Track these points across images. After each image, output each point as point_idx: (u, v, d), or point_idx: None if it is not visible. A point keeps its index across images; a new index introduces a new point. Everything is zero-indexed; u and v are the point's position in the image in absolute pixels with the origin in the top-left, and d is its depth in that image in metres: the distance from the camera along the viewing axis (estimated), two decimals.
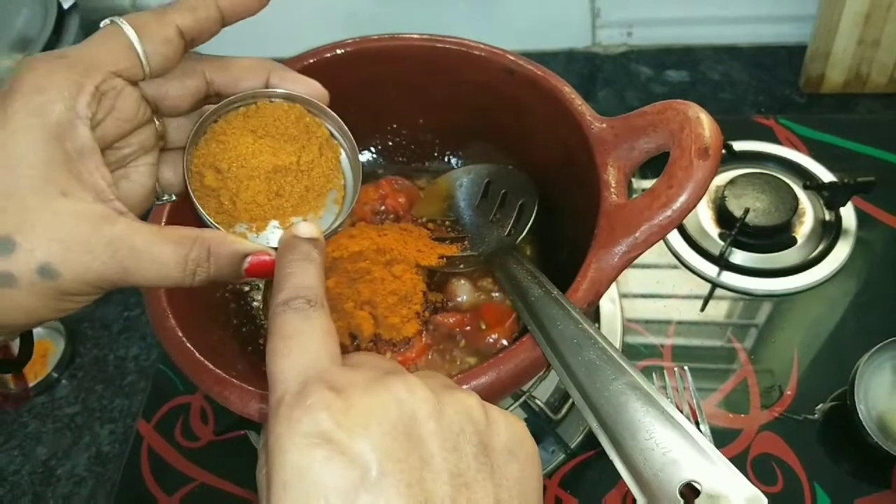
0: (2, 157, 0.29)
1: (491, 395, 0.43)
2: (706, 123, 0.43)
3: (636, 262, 0.45)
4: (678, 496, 0.31)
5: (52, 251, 0.29)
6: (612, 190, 0.47)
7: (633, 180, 0.75)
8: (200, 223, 0.37)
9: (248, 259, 0.35)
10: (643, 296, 0.74)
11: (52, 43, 0.83)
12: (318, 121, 0.42)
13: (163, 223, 0.52)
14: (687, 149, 0.43)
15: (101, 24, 0.33)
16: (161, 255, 0.31)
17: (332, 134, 0.43)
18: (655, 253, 0.76)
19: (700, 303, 0.72)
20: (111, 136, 0.33)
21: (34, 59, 0.31)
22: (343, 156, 0.44)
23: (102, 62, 0.32)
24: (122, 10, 1.04)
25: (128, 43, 0.33)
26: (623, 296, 0.73)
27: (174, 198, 0.39)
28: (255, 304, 0.62)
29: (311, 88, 0.40)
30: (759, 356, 0.68)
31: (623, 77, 1.00)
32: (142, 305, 0.85)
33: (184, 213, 0.46)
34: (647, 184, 0.81)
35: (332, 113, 0.42)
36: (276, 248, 0.35)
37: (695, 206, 0.43)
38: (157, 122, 0.37)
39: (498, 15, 1.01)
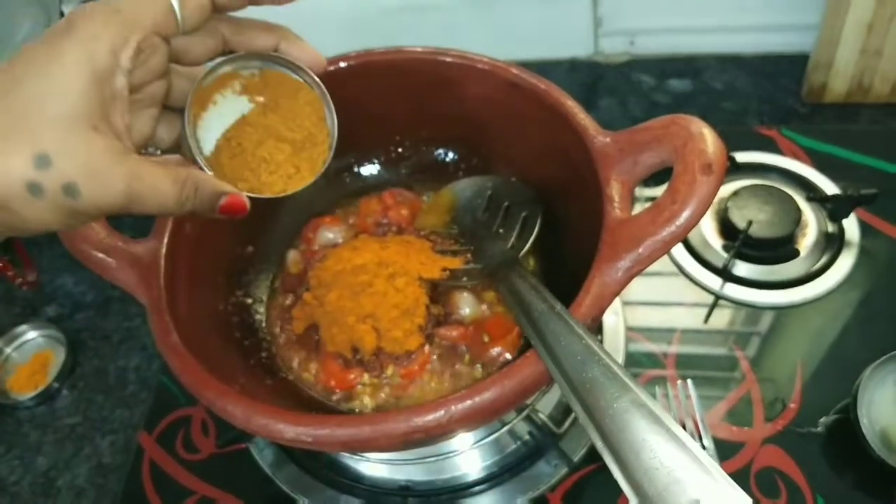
0: (53, 86, 0.33)
1: (495, 410, 0.43)
2: (710, 139, 0.43)
3: (640, 276, 0.45)
4: None
5: (79, 174, 0.33)
6: (616, 204, 0.47)
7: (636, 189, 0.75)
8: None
9: (223, 198, 0.40)
10: (646, 303, 0.74)
11: None
12: (316, 95, 0.45)
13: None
14: (690, 164, 0.43)
15: None
16: (163, 189, 0.36)
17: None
18: (659, 263, 0.75)
19: (703, 314, 0.72)
20: (136, 85, 0.37)
21: (93, 9, 0.35)
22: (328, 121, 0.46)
23: (146, 21, 0.36)
24: None
25: (169, 6, 0.37)
26: (626, 303, 0.73)
27: (158, 153, 0.43)
28: (257, 317, 0.62)
29: (315, 61, 0.44)
30: (762, 368, 0.68)
31: (625, 86, 1.00)
32: (142, 315, 0.85)
33: None
34: (649, 191, 0.81)
35: (321, 85, 0.44)
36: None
37: (698, 221, 0.43)
38: (168, 78, 0.41)
39: (500, 24, 1.01)
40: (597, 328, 0.70)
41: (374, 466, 0.62)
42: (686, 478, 0.32)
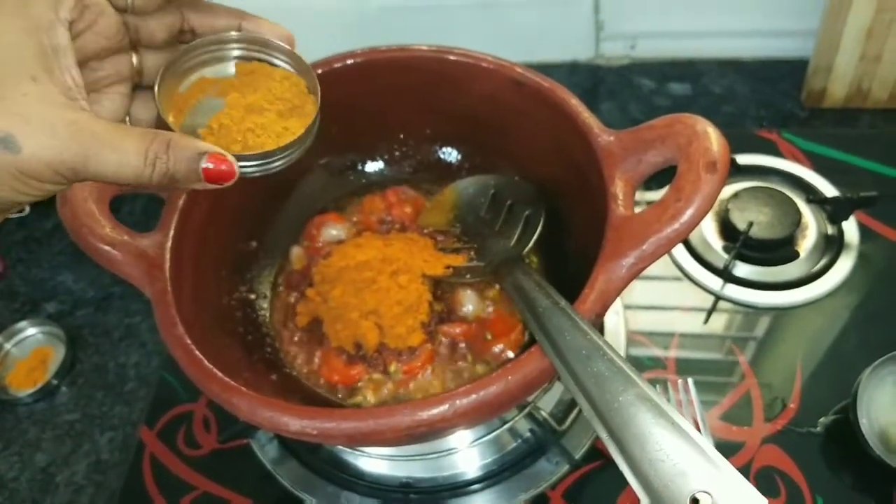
0: None
1: (499, 404, 0.43)
2: (714, 137, 0.44)
3: (641, 276, 0.45)
4: None
5: (14, 123, 0.31)
6: (620, 202, 0.47)
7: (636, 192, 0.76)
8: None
9: (206, 158, 0.35)
10: (647, 307, 0.74)
11: None
12: (292, 73, 0.43)
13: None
14: (695, 163, 0.43)
15: None
16: (122, 142, 0.33)
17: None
18: (660, 265, 0.76)
19: (703, 315, 0.72)
20: (90, 51, 0.36)
21: None
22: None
23: None
24: None
25: None
26: (627, 307, 0.73)
27: None
28: (261, 312, 0.62)
29: (281, 34, 0.42)
30: (761, 369, 0.68)
31: (626, 89, 1.00)
32: (142, 313, 0.85)
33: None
34: (651, 195, 0.82)
35: (297, 55, 0.43)
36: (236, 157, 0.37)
37: (702, 219, 0.43)
38: (134, 57, 0.39)
39: (502, 26, 1.01)
40: (598, 329, 0.70)
41: (375, 463, 0.62)
42: (692, 469, 0.32)
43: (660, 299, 0.75)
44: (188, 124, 0.40)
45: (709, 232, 0.78)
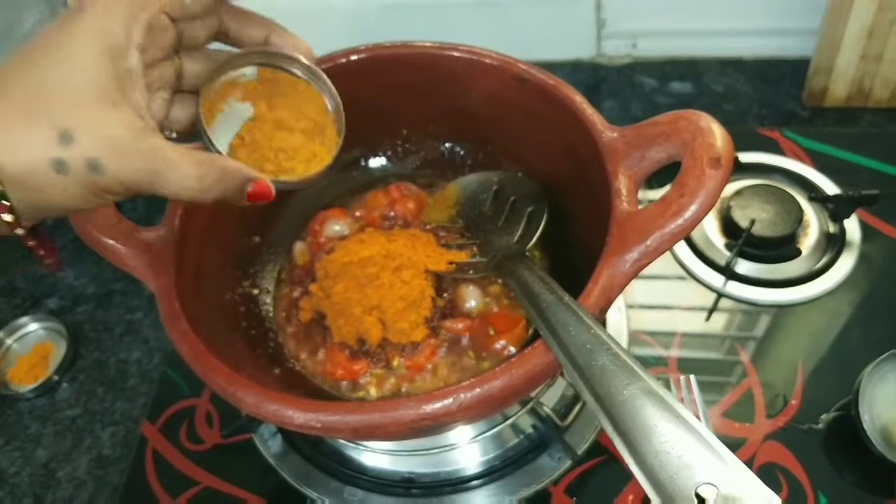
0: (70, 64, 0.34)
1: (503, 398, 0.43)
2: (718, 134, 0.44)
3: (643, 272, 0.45)
4: (694, 498, 0.31)
5: (102, 149, 0.34)
6: (624, 198, 0.48)
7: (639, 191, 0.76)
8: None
9: (251, 184, 0.41)
10: (650, 307, 0.74)
11: None
12: (312, 88, 0.47)
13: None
14: (699, 158, 0.43)
15: None
16: (185, 167, 0.37)
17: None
18: (662, 264, 0.76)
19: (705, 313, 0.73)
20: (148, 63, 0.38)
21: None
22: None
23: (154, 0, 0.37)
24: None
25: None
26: (630, 306, 0.73)
27: (174, 135, 0.43)
28: (264, 307, 0.63)
29: (305, 50, 0.46)
30: (763, 366, 0.68)
31: (627, 88, 1.00)
32: (143, 309, 0.85)
33: None
34: (653, 194, 0.82)
35: (318, 71, 0.47)
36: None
37: (706, 214, 0.43)
38: (177, 60, 0.42)
39: (504, 25, 1.01)
40: (602, 325, 0.70)
41: (377, 458, 0.62)
42: (697, 461, 0.32)
43: (662, 298, 0.75)
44: (219, 131, 0.44)
45: (711, 230, 0.78)
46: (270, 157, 0.44)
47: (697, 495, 0.31)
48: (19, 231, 0.35)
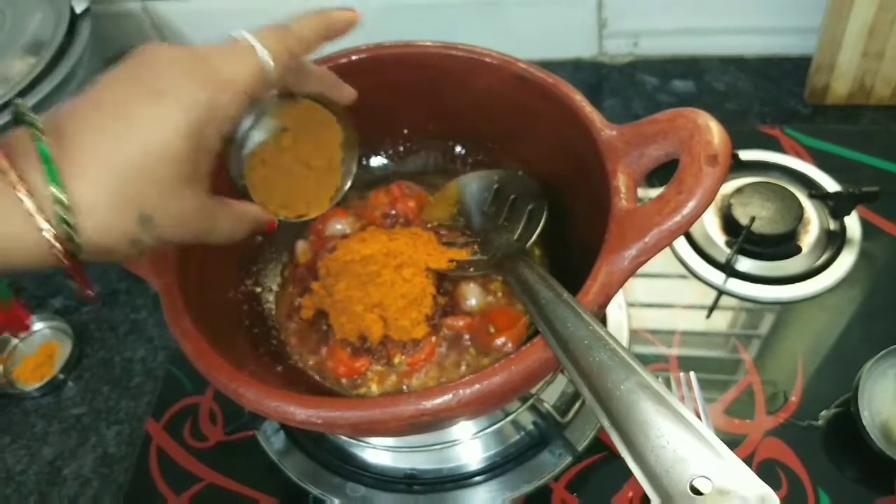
0: (160, 152, 0.35)
1: (503, 395, 0.43)
2: (715, 131, 0.44)
3: (644, 271, 0.46)
4: (689, 491, 0.31)
5: (171, 227, 0.37)
6: (622, 196, 0.48)
7: (640, 189, 0.77)
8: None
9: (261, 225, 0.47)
10: (650, 305, 0.74)
11: (65, 46, 0.83)
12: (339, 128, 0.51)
13: None
14: (696, 156, 0.44)
15: (236, 36, 0.40)
16: (225, 229, 0.42)
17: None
18: (663, 261, 0.77)
19: (706, 310, 0.73)
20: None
21: (189, 67, 0.36)
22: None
23: (239, 80, 0.38)
24: (134, 15, 1.06)
25: (259, 66, 0.39)
26: (630, 304, 0.73)
27: None
28: (266, 305, 0.63)
29: (349, 97, 0.51)
30: (763, 363, 0.68)
31: (629, 87, 1.00)
32: (148, 308, 0.86)
33: None
34: (654, 192, 0.82)
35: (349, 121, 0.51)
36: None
37: (703, 211, 0.43)
38: None
39: (505, 24, 1.02)
40: (601, 321, 0.70)
41: (379, 454, 0.63)
42: (692, 455, 0.33)
43: (663, 296, 0.75)
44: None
45: (711, 227, 0.78)
46: (280, 192, 0.48)
47: (693, 488, 0.32)
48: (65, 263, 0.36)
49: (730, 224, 0.77)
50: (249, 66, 0.39)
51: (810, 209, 0.78)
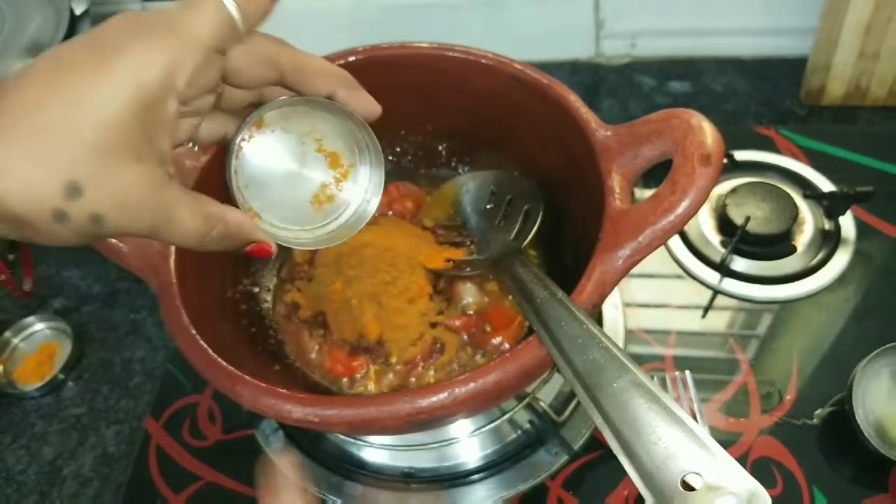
0: (97, 113, 0.30)
1: (498, 393, 0.43)
2: (708, 132, 0.45)
3: (640, 272, 0.46)
4: (680, 487, 0.32)
5: (109, 206, 0.31)
6: (617, 196, 0.48)
7: (635, 190, 0.77)
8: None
9: (253, 245, 0.40)
10: (646, 305, 0.75)
11: None
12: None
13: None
14: (690, 156, 0.44)
15: None
16: (190, 225, 0.35)
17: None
18: (658, 262, 0.77)
19: (701, 310, 0.73)
20: (186, 100, 0.35)
21: (148, 26, 0.32)
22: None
23: (205, 38, 0.33)
24: None
25: (224, 17, 0.34)
26: (627, 305, 0.74)
27: (196, 148, 0.41)
28: (265, 305, 0.63)
29: (371, 111, 0.43)
30: (758, 362, 0.69)
31: (626, 88, 1.01)
32: (148, 308, 0.86)
33: None
34: (648, 193, 0.82)
35: (372, 133, 0.45)
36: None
37: (697, 211, 0.44)
38: (219, 89, 0.39)
39: (502, 25, 1.02)
40: (597, 323, 0.71)
41: (377, 453, 0.63)
42: (684, 452, 0.33)
43: (658, 296, 0.76)
44: (252, 150, 0.42)
45: (707, 227, 0.79)
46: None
47: (684, 484, 0.32)
48: None
49: (725, 224, 0.78)
50: (213, 19, 0.34)
51: (805, 209, 0.78)
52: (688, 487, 0.32)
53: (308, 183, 0.45)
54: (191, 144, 0.40)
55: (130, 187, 0.32)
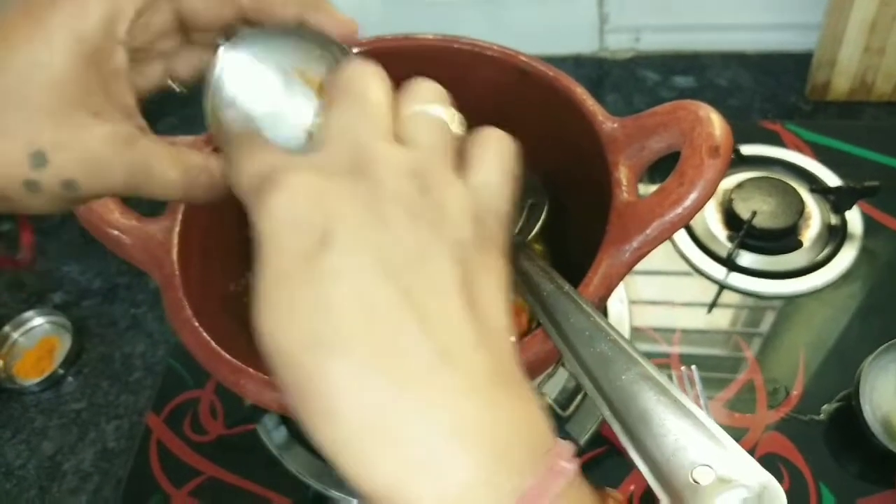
0: (43, 72, 0.29)
1: None
2: (717, 123, 0.44)
3: (646, 268, 0.45)
4: (690, 480, 0.31)
5: (78, 170, 0.30)
6: (624, 188, 0.48)
7: (641, 185, 0.77)
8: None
9: None
10: (652, 302, 0.74)
11: None
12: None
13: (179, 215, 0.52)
14: (698, 148, 0.43)
15: None
16: (171, 177, 0.33)
17: None
18: (664, 258, 0.77)
19: (708, 306, 0.73)
20: (139, 46, 0.34)
21: None
22: None
23: None
24: None
25: None
26: (633, 302, 0.73)
27: (184, 91, 0.39)
28: None
29: (347, 30, 0.39)
30: (765, 357, 0.68)
31: (630, 82, 1.00)
32: (148, 303, 0.86)
33: None
34: (654, 188, 0.82)
35: (353, 54, 0.41)
36: None
37: (705, 203, 0.43)
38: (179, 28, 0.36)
39: (506, 19, 1.02)
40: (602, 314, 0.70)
41: None
42: (694, 444, 0.33)
43: (664, 292, 0.75)
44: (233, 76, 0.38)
45: (713, 222, 0.78)
46: None
47: (694, 477, 0.32)
48: None
49: (731, 219, 0.77)
50: None
51: (811, 204, 0.78)
52: (699, 480, 0.31)
53: (299, 116, 0.42)
54: (177, 88, 0.39)
55: (97, 147, 0.30)
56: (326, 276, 0.25)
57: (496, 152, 0.34)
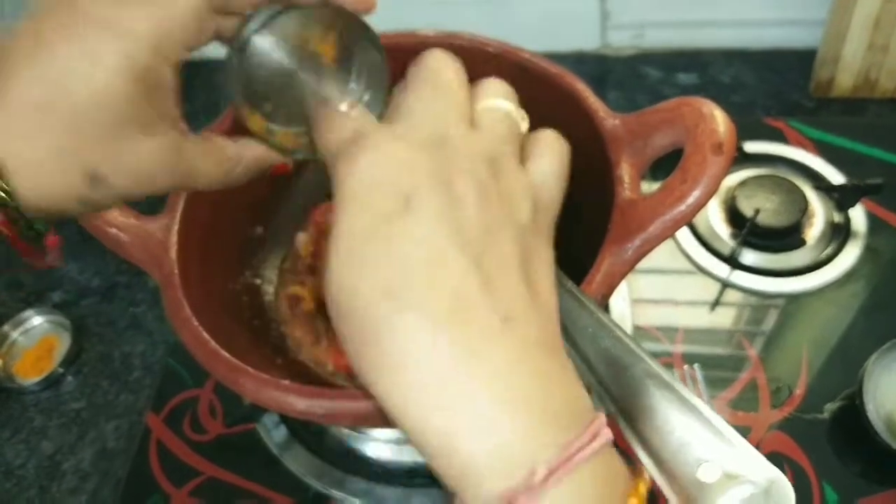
0: (99, 95, 0.30)
1: None
2: (720, 120, 0.44)
3: (648, 266, 0.45)
4: (697, 477, 0.31)
5: (129, 183, 0.32)
6: (626, 186, 0.47)
7: (643, 182, 0.76)
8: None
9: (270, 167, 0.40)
10: (655, 301, 0.74)
11: None
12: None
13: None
14: (701, 144, 0.43)
15: None
16: (212, 173, 0.36)
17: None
18: (667, 256, 0.76)
19: (710, 304, 0.72)
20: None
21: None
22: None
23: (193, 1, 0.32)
24: None
25: None
26: (635, 301, 0.73)
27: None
28: (267, 297, 0.63)
29: (365, 4, 0.41)
30: (768, 356, 0.68)
31: (633, 79, 1.00)
32: (147, 302, 0.86)
33: None
34: (656, 186, 0.81)
35: (369, 27, 0.44)
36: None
37: (708, 200, 0.43)
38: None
39: (507, 16, 1.01)
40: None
41: (381, 448, 0.63)
42: (700, 441, 0.32)
43: (667, 290, 0.75)
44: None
45: (716, 220, 0.78)
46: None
47: (700, 474, 0.31)
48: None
49: (734, 216, 0.77)
50: None
51: (815, 201, 0.78)
52: (706, 477, 0.31)
53: (316, 86, 0.42)
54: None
55: (147, 160, 0.32)
56: (407, 237, 0.27)
57: (555, 151, 0.38)
